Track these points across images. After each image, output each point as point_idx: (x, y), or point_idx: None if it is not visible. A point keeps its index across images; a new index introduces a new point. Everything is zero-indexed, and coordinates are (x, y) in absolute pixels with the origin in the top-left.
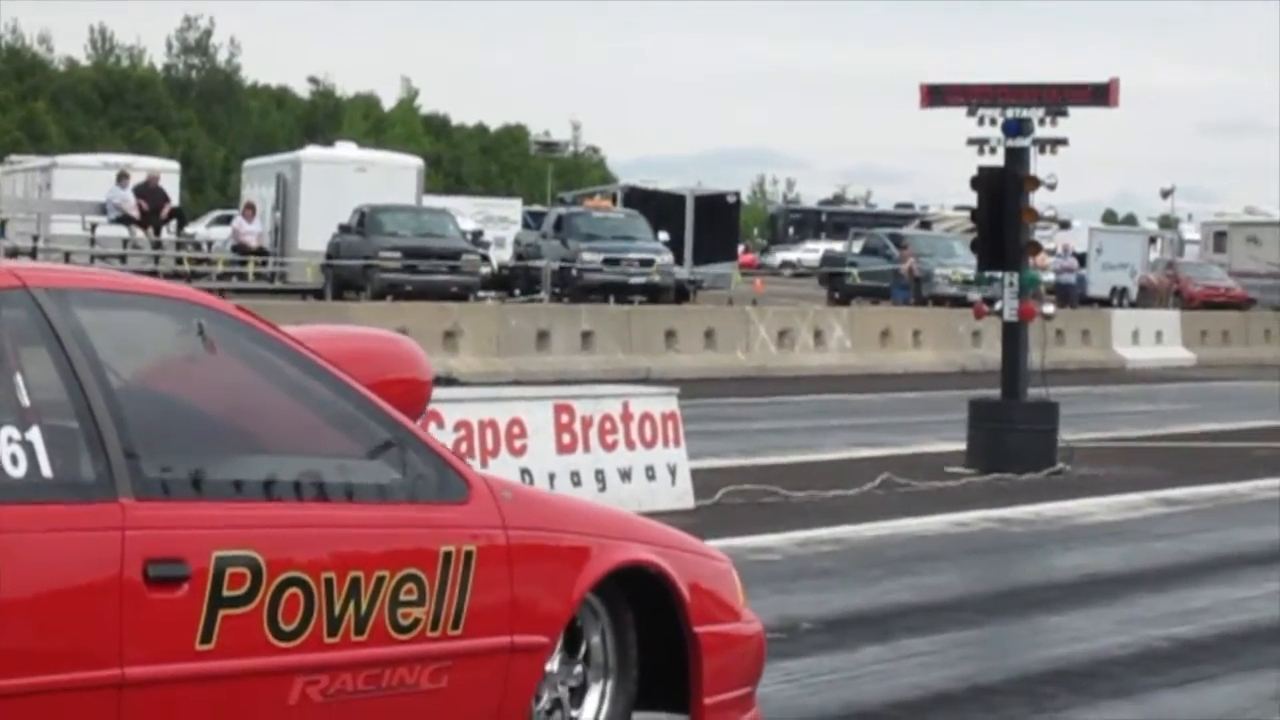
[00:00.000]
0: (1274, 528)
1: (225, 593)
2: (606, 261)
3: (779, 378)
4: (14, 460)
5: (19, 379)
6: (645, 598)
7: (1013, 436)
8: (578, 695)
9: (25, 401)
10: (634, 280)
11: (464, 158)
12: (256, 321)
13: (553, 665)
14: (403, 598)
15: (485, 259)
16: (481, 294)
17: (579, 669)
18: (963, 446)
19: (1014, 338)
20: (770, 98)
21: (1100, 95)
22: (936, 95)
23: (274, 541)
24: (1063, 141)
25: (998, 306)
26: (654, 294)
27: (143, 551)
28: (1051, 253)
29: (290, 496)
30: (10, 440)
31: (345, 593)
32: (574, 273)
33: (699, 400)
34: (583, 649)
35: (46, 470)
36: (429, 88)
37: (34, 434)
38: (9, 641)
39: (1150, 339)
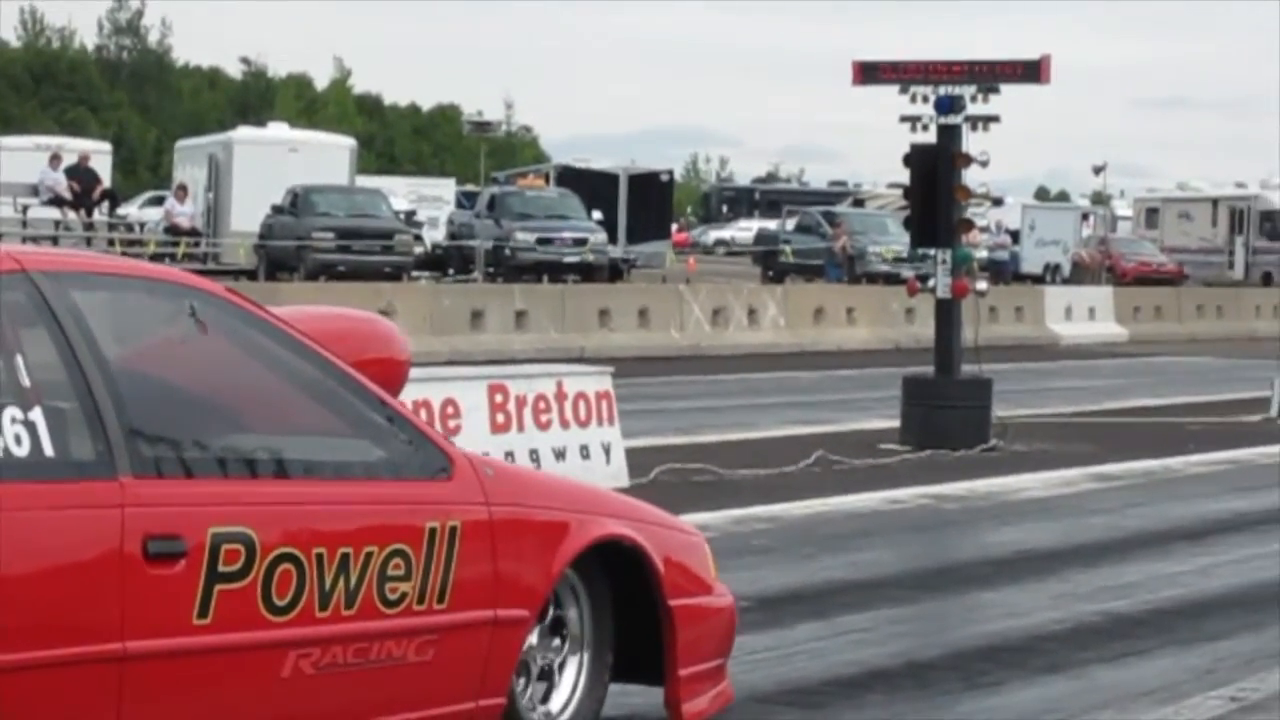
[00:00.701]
0: (1206, 502)
1: (221, 568)
2: (540, 241)
3: (713, 356)
4: (18, 440)
5: (20, 360)
6: (621, 571)
7: (946, 413)
8: (556, 667)
9: (26, 383)
10: (568, 259)
11: (397, 138)
12: (245, 303)
13: (533, 638)
14: (390, 573)
15: (419, 239)
16: (415, 274)
17: (557, 641)
18: (897, 424)
19: (947, 315)
20: (703, 76)
21: (1032, 72)
22: (869, 73)
23: (267, 518)
24: (994, 119)
25: (931, 284)
26: (588, 273)
27: (142, 528)
28: (984, 230)
29: (282, 474)
30: (13, 420)
31: (335, 568)
32: (508, 252)
33: (633, 379)
34: (561, 622)
35: (49, 449)
36: (362, 68)
37: (36, 414)
38: (14, 617)
39: (1083, 315)
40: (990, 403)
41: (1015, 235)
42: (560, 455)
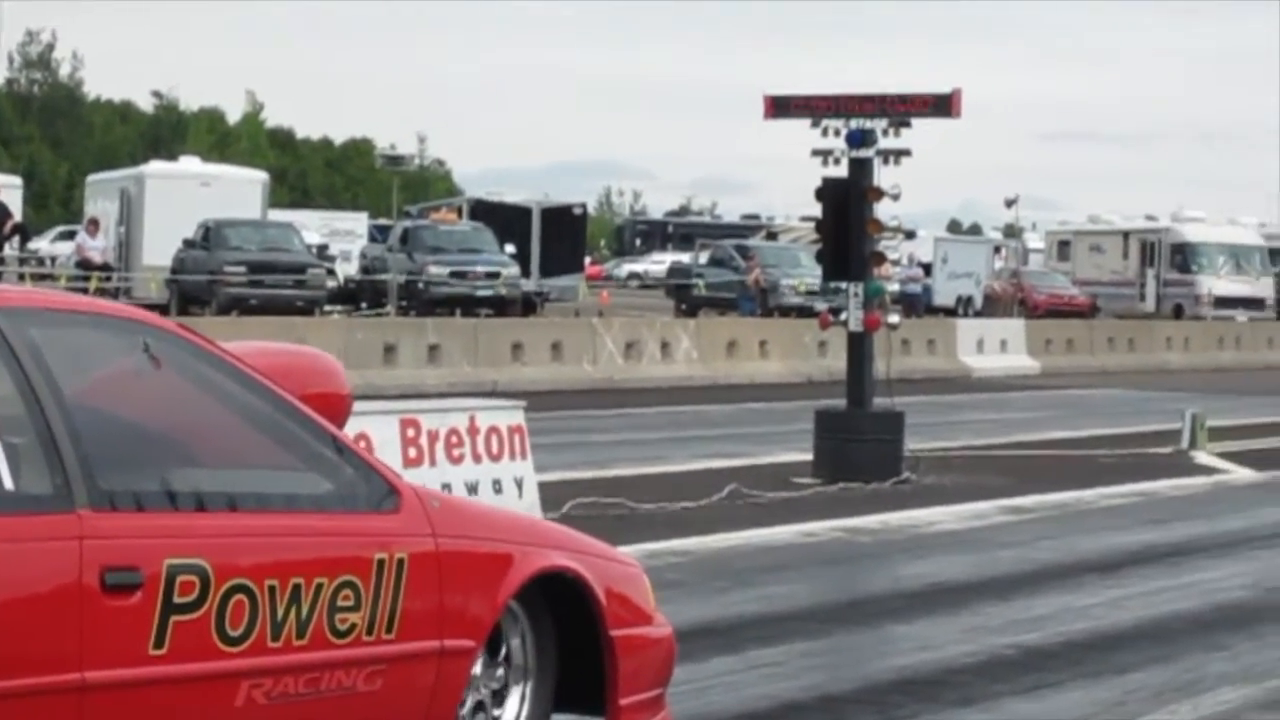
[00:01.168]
0: (1117, 535)
1: (176, 599)
2: (453, 274)
3: (626, 389)
4: None
5: None
6: (563, 602)
7: (859, 446)
8: (499, 697)
9: None
10: (480, 293)
11: (309, 171)
12: (197, 339)
13: (477, 668)
14: (340, 604)
15: (331, 273)
16: (327, 308)
17: (500, 671)
18: (809, 457)
19: (859, 348)
20: (617, 109)
21: (943, 106)
22: (780, 107)
23: (221, 550)
24: (906, 152)
25: (843, 317)
26: (501, 307)
27: (99, 560)
28: (896, 263)
29: (234, 507)
30: None
31: (287, 599)
32: (420, 286)
33: (546, 413)
34: (504, 652)
35: (8, 483)
36: (274, 101)
37: None
38: None
39: (995, 348)
40: (902, 436)
41: (927, 268)
42: (473, 489)
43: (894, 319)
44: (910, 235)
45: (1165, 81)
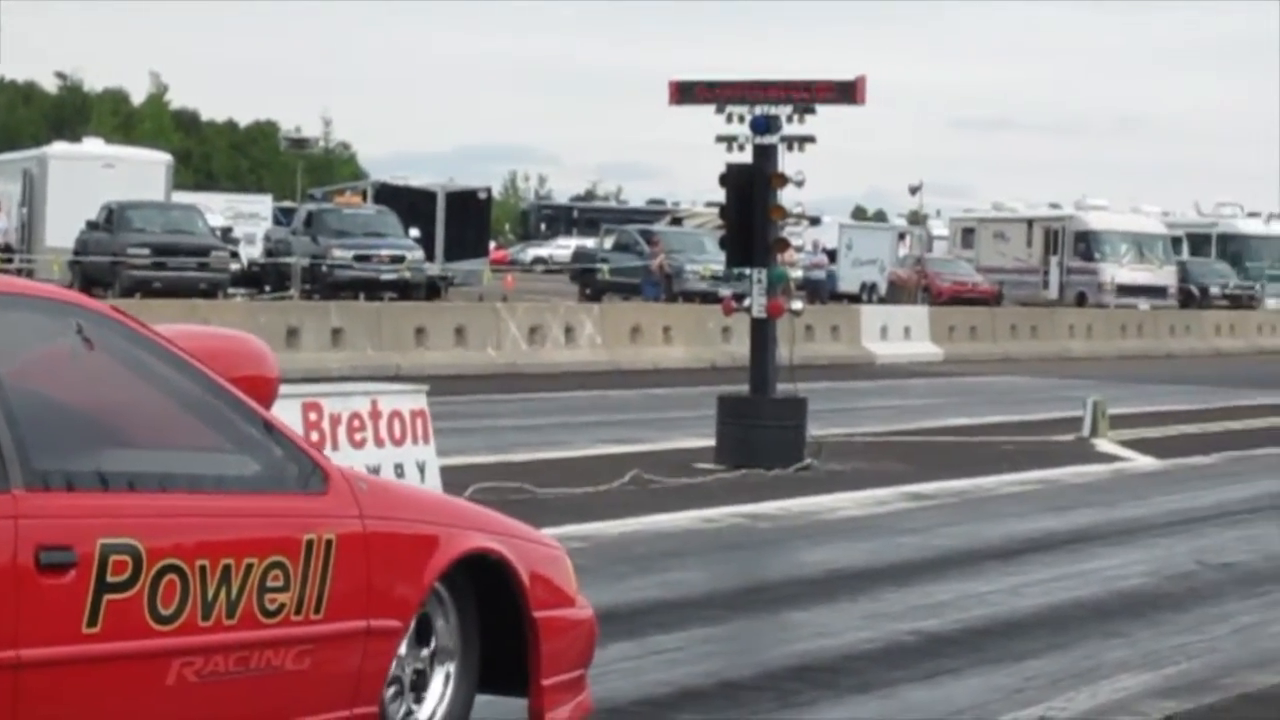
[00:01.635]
0: (1017, 521)
1: (109, 578)
2: (357, 258)
3: (530, 374)
4: None
5: None
6: (487, 583)
7: (761, 432)
8: (424, 677)
9: None
10: (385, 277)
11: (214, 154)
12: (130, 321)
13: (402, 648)
14: (269, 584)
15: (235, 255)
16: (231, 291)
17: (426, 652)
18: (712, 442)
19: (762, 334)
20: (522, 93)
21: (847, 92)
22: (685, 92)
23: (153, 530)
24: (810, 139)
25: (746, 303)
26: (405, 291)
27: (34, 539)
28: (800, 249)
29: (166, 487)
30: None
31: (217, 579)
32: (324, 269)
33: (449, 397)
34: (430, 632)
35: None
36: (179, 83)
37: None
38: None
39: (899, 334)
40: (805, 422)
41: (832, 254)
42: (374, 474)
43: (797, 305)
44: (815, 222)
45: (1074, 70)
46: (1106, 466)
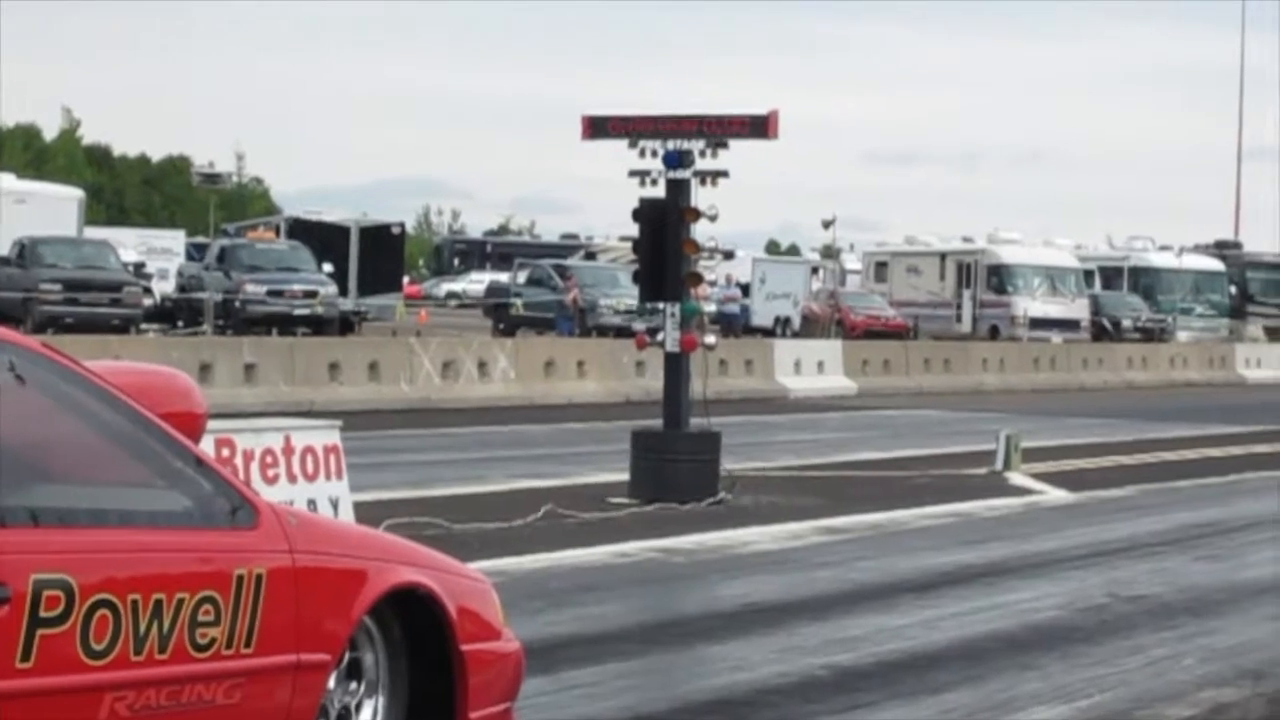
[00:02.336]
0: (931, 555)
1: (42, 614)
2: (270, 293)
3: (443, 409)
4: None
5: None
6: (415, 617)
7: (675, 466)
8: (353, 710)
9: None
10: (298, 312)
11: (126, 189)
12: (61, 357)
13: (331, 682)
14: (200, 618)
15: (148, 291)
16: (144, 326)
17: (354, 685)
18: (626, 477)
19: (676, 368)
20: (436, 128)
21: (759, 127)
22: (598, 127)
23: (85, 565)
24: (723, 173)
25: (660, 337)
26: (318, 325)
27: None
28: (714, 283)
29: (98, 523)
30: None
31: (150, 614)
32: (237, 304)
33: (363, 432)
34: (358, 666)
35: None
36: (91, 118)
37: None
38: None
39: (812, 368)
40: (719, 456)
41: (745, 289)
42: None
43: (711, 339)
44: (728, 256)
45: (986, 104)
46: (1019, 500)
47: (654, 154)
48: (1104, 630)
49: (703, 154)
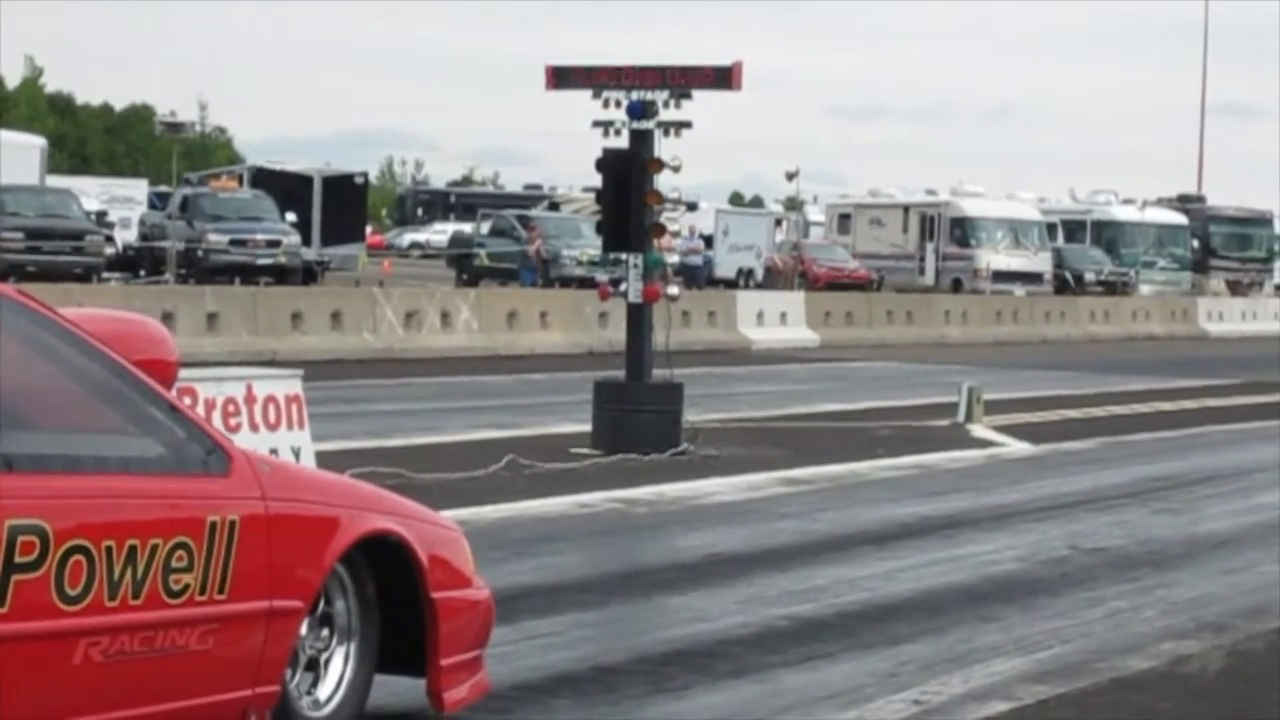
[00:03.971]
0: (892, 507)
1: (17, 559)
2: (233, 243)
3: (406, 359)
4: None
5: None
6: (386, 564)
7: (637, 418)
8: (324, 657)
9: None
10: (261, 261)
11: (89, 138)
12: (35, 304)
13: (303, 629)
14: (174, 564)
15: (110, 240)
16: (106, 275)
17: (326, 632)
18: (588, 428)
19: (638, 320)
20: (400, 79)
21: (723, 78)
22: (562, 77)
23: (60, 511)
24: (686, 124)
25: (622, 288)
26: (281, 275)
27: None
28: (677, 235)
29: (73, 469)
30: None
31: (123, 560)
32: (200, 254)
33: (325, 382)
34: (329, 613)
35: None
36: (53, 67)
37: None
38: None
39: (775, 320)
40: (681, 407)
41: (709, 240)
42: None
43: (674, 291)
44: (692, 207)
45: (948, 57)
46: (981, 452)
47: (617, 104)
48: (1064, 582)
49: (666, 105)
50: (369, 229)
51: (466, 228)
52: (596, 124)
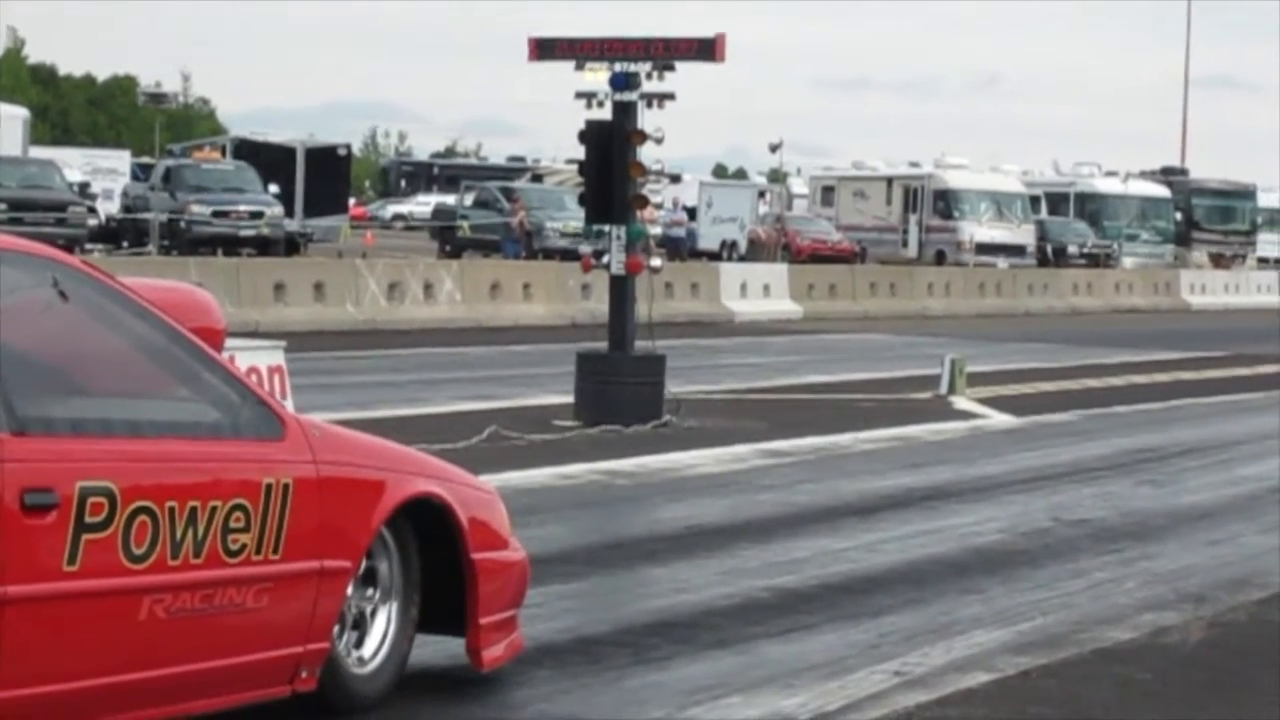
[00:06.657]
0: (874, 479)
1: (87, 519)
2: (215, 214)
3: (389, 331)
4: None
5: None
6: (429, 526)
7: (619, 389)
8: (369, 615)
9: None
10: (243, 233)
11: (72, 109)
12: (100, 275)
13: (349, 588)
14: (232, 525)
15: (93, 211)
16: (89, 246)
17: (371, 591)
18: (571, 399)
19: (621, 291)
20: (384, 50)
21: (706, 50)
22: (545, 48)
23: (127, 473)
24: (670, 96)
25: (605, 260)
26: (264, 246)
27: (19, 482)
28: (660, 207)
29: (138, 433)
30: None
31: (185, 520)
32: (183, 225)
33: (308, 354)
34: (374, 573)
35: None
36: (36, 37)
37: None
38: None
39: (758, 292)
40: (663, 379)
41: (692, 212)
42: None
43: (656, 262)
44: (675, 179)
45: (932, 29)
46: (964, 424)
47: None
48: (1046, 554)
49: (649, 76)
50: (352, 200)
51: (450, 199)
52: (579, 95)
